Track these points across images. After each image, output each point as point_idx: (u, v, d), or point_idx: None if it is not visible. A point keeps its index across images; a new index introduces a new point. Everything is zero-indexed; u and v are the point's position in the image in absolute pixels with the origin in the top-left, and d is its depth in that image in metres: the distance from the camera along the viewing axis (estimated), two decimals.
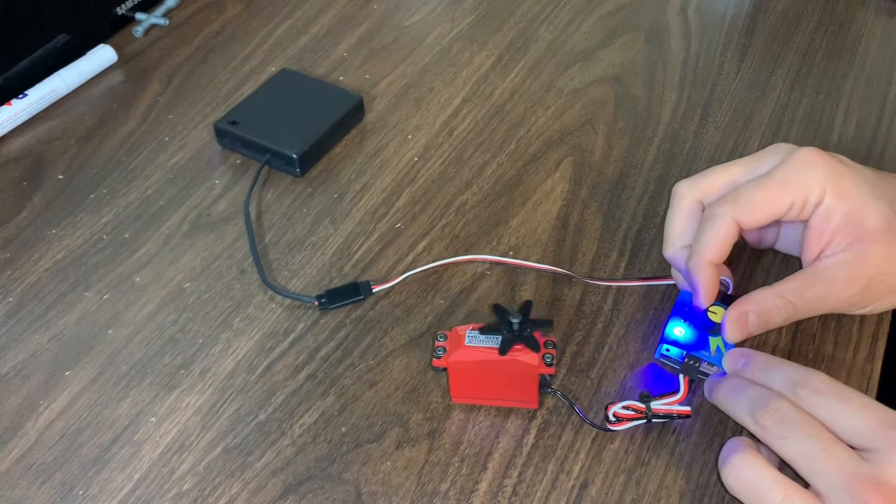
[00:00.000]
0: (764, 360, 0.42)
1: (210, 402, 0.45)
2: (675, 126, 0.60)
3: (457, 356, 0.42)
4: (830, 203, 0.43)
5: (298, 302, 0.49)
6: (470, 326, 0.43)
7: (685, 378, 0.44)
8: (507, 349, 0.41)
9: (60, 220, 0.54)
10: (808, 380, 0.39)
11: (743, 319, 0.44)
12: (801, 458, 0.37)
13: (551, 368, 0.43)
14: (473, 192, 0.56)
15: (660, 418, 0.43)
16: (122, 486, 0.42)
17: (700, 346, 0.45)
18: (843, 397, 0.38)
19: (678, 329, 0.46)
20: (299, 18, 0.69)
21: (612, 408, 0.43)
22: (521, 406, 0.44)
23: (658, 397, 0.44)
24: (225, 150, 0.58)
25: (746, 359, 0.42)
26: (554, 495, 0.41)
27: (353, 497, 0.41)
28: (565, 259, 0.51)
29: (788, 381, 0.40)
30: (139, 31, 0.67)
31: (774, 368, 0.41)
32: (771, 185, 0.44)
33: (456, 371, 0.43)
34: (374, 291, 0.49)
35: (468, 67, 0.65)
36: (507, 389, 0.43)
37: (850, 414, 0.38)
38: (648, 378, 0.46)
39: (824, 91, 0.62)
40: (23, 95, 0.60)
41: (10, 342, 0.48)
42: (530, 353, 0.41)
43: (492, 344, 0.42)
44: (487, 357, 0.42)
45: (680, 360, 0.45)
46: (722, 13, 0.70)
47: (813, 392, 0.39)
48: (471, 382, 0.43)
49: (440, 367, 0.43)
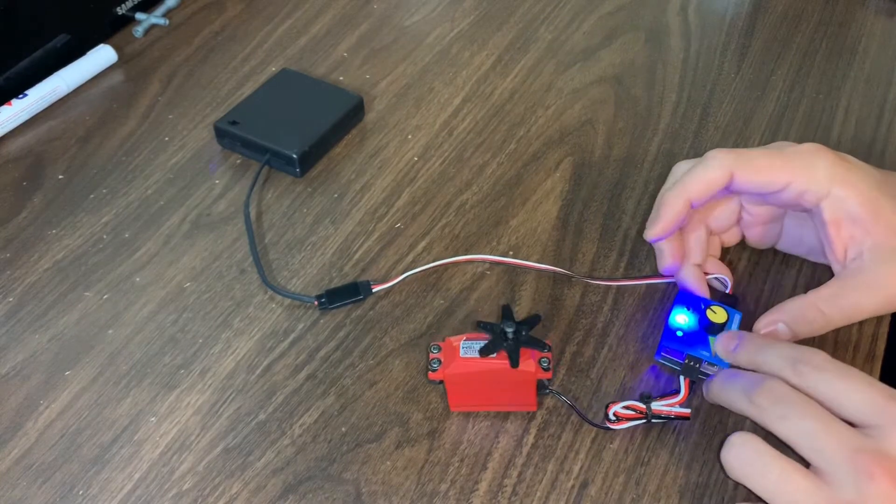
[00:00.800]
0: (759, 340, 0.42)
1: (210, 401, 0.45)
2: (675, 126, 0.60)
3: (453, 368, 0.42)
4: (841, 194, 0.43)
5: (298, 302, 0.49)
6: (463, 337, 0.42)
7: (686, 379, 0.44)
8: (515, 360, 0.41)
9: (60, 220, 0.54)
10: (810, 357, 0.39)
11: (771, 328, 0.44)
12: (801, 438, 0.37)
13: (548, 373, 0.43)
14: (473, 192, 0.56)
15: (660, 419, 0.43)
16: (122, 485, 0.42)
17: (700, 345, 0.45)
18: (845, 374, 0.38)
19: (681, 316, 0.46)
20: (299, 18, 0.69)
21: (613, 407, 0.43)
22: (519, 410, 0.44)
23: (659, 398, 0.44)
24: (225, 150, 0.58)
25: (740, 339, 0.42)
26: (554, 495, 0.41)
27: (353, 497, 0.41)
28: (565, 259, 0.51)
29: (788, 359, 0.39)
30: (139, 31, 0.67)
31: (771, 347, 0.41)
32: (776, 156, 0.44)
33: (453, 383, 0.43)
34: (373, 291, 0.49)
35: (468, 67, 0.65)
36: (505, 396, 0.43)
37: (852, 389, 0.37)
38: (649, 380, 0.46)
39: (824, 91, 0.62)
40: (23, 95, 0.60)
41: (10, 342, 0.48)
42: (527, 359, 0.41)
43: None
44: (484, 367, 0.41)
45: (680, 361, 0.45)
46: (722, 13, 0.70)
47: (815, 368, 0.38)
48: (469, 392, 0.43)
49: (437, 380, 0.43)
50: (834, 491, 0.35)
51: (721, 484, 0.42)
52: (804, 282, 0.50)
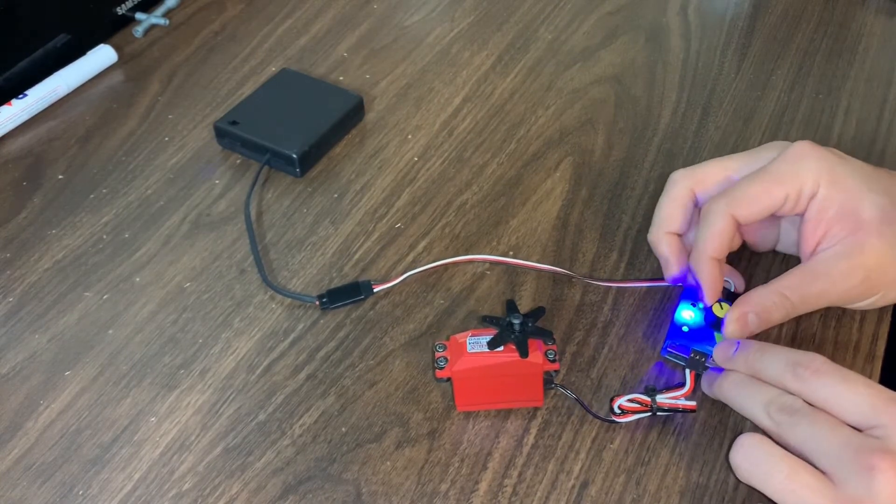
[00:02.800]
0: (757, 346, 0.42)
1: (210, 402, 0.45)
2: (675, 126, 0.60)
3: (461, 364, 0.42)
4: (825, 193, 0.43)
5: (299, 302, 0.49)
6: (469, 333, 0.42)
7: (691, 372, 0.44)
8: (525, 350, 0.41)
9: (60, 220, 0.54)
10: (809, 361, 0.39)
11: (743, 319, 0.44)
12: (808, 442, 0.37)
13: (556, 364, 0.43)
14: (473, 191, 0.56)
15: (665, 412, 0.43)
16: (122, 486, 0.42)
17: (706, 341, 0.45)
18: (845, 378, 0.38)
19: (687, 312, 0.46)
20: (299, 18, 0.69)
21: (618, 400, 0.43)
22: (526, 405, 0.44)
23: (664, 391, 0.44)
24: (225, 150, 0.58)
25: (738, 346, 0.43)
26: (554, 495, 0.41)
27: (353, 497, 0.41)
28: (565, 259, 0.51)
29: (788, 363, 0.40)
30: (139, 31, 0.67)
31: (771, 353, 0.41)
32: (765, 178, 0.44)
33: (461, 379, 0.42)
34: (374, 291, 0.49)
35: (468, 67, 0.65)
36: (512, 391, 0.43)
37: (854, 392, 0.38)
38: (652, 375, 0.46)
39: (824, 91, 0.62)
40: (23, 95, 0.60)
41: (10, 342, 0.48)
42: (534, 351, 0.41)
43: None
44: (492, 361, 0.41)
45: (686, 356, 0.45)
46: (722, 13, 0.70)
47: (814, 373, 0.39)
48: (476, 389, 0.43)
49: (444, 377, 0.43)
50: (842, 488, 0.36)
51: (721, 484, 0.42)
52: None
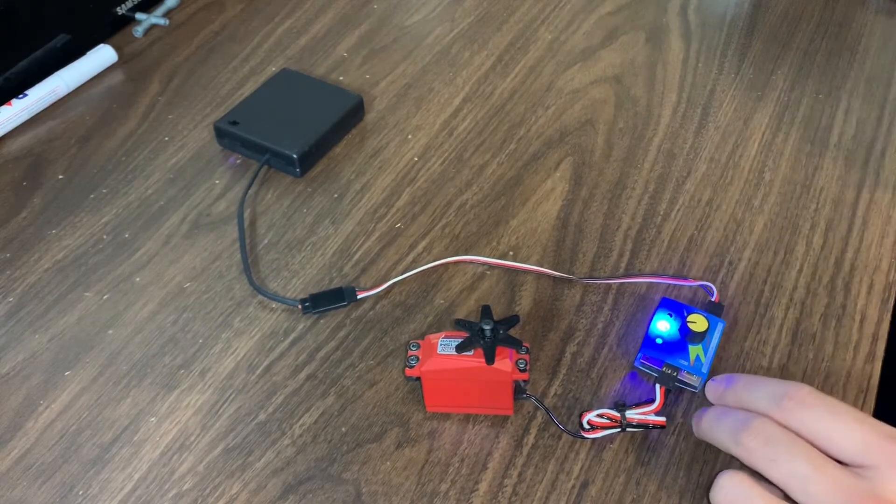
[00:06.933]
0: (746, 380, 0.40)
1: (210, 402, 0.45)
2: (675, 126, 0.60)
3: (429, 365, 0.41)
4: None
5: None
6: (443, 334, 0.42)
7: (661, 388, 0.44)
8: (491, 357, 0.40)
9: (60, 220, 0.54)
10: (794, 391, 0.37)
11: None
12: (792, 480, 0.35)
13: (525, 374, 0.42)
14: (473, 192, 0.55)
15: (634, 428, 0.43)
16: (122, 486, 0.42)
17: (679, 354, 0.45)
18: (833, 410, 0.36)
19: (662, 323, 0.46)
20: (299, 18, 0.69)
21: (587, 415, 0.43)
22: (497, 413, 0.44)
23: (634, 406, 0.43)
24: (225, 150, 0.58)
25: (728, 381, 0.41)
26: (554, 495, 0.41)
27: (353, 497, 0.41)
28: (565, 259, 0.51)
29: (773, 396, 0.38)
30: (139, 31, 0.67)
31: (757, 385, 0.39)
32: None
33: (429, 380, 0.42)
34: (358, 297, 0.49)
35: (468, 67, 0.65)
36: (481, 397, 0.43)
37: (844, 428, 0.36)
38: (627, 386, 0.45)
39: (824, 91, 0.62)
40: (23, 95, 0.60)
41: (10, 342, 0.48)
42: (504, 359, 0.41)
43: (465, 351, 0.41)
44: (459, 365, 0.41)
45: (658, 368, 0.44)
46: (722, 13, 0.70)
47: (799, 404, 0.37)
48: (445, 391, 0.43)
49: (413, 376, 0.43)
50: None
51: None
52: (805, 282, 0.50)
